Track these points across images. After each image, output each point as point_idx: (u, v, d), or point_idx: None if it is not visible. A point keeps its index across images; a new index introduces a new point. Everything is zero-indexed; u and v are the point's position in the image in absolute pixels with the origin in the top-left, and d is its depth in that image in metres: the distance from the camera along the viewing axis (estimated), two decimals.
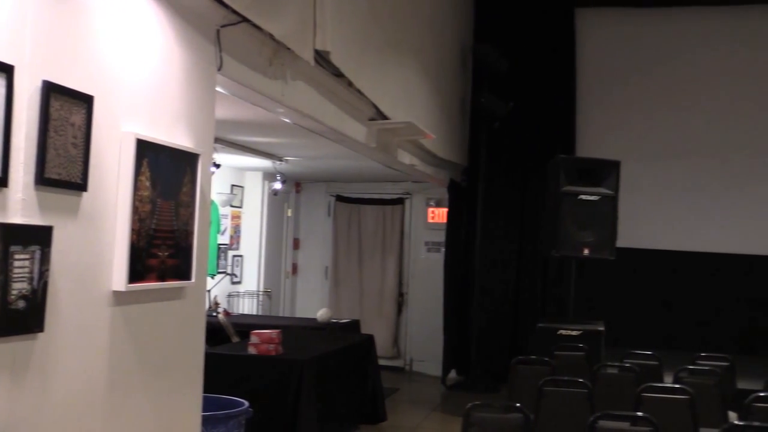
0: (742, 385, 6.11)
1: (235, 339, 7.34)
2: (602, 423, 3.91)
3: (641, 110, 9.82)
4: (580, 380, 4.80)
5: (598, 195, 7.60)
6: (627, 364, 5.64)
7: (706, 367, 5.51)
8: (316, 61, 4.78)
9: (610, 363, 5.93)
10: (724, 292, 9.51)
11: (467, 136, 9.89)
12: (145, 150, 3.14)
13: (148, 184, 3.17)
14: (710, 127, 9.66)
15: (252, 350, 6.10)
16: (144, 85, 3.23)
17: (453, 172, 9.69)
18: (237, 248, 10.11)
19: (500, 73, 9.35)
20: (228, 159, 8.50)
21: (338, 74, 5.29)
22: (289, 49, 4.34)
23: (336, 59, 4.99)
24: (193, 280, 3.54)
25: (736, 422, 4.17)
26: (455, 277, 9.68)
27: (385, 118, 6.38)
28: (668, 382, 5.43)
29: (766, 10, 9.44)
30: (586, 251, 7.55)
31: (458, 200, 9.74)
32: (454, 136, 9.30)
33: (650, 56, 9.85)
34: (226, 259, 9.80)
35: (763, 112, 9.51)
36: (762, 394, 4.57)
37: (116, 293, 3.05)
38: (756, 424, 3.99)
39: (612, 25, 9.96)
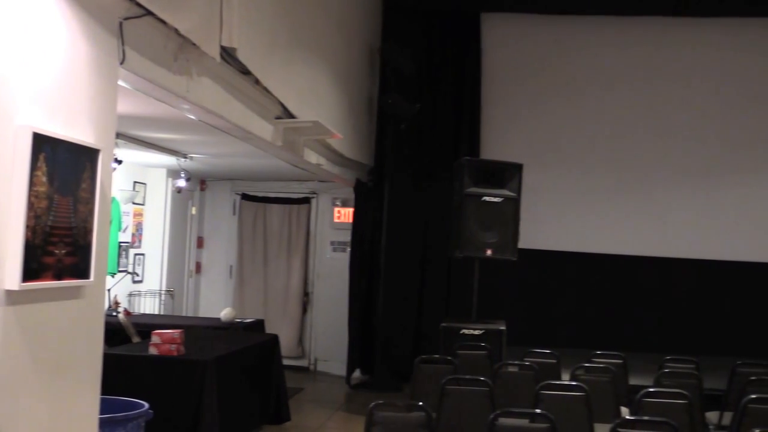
0: (634, 381, 6.34)
1: (136, 339, 7.17)
2: (502, 420, 3.99)
3: (544, 114, 10.08)
4: (482, 379, 4.89)
5: (501, 197, 7.76)
6: (527, 363, 5.78)
7: (601, 365, 5.69)
8: (223, 57, 4.72)
9: (510, 362, 6.06)
10: (619, 292, 9.87)
11: (374, 137, 9.94)
12: (42, 144, 3.03)
13: (44, 179, 3.06)
14: (610, 132, 10.00)
15: (153, 351, 5.97)
16: (41, 77, 3.12)
17: (359, 172, 9.72)
18: (139, 246, 9.88)
19: (407, 75, 9.44)
20: (130, 155, 8.31)
21: (245, 71, 5.24)
22: (194, 44, 4.27)
23: (243, 56, 4.94)
24: (91, 278, 3.44)
25: (627, 417, 4.33)
26: (361, 277, 9.71)
27: (291, 116, 6.35)
28: (566, 379, 5.60)
29: (661, 20, 9.84)
30: (489, 252, 7.69)
31: (364, 200, 9.78)
32: (361, 136, 9.34)
33: (553, 62, 10.12)
34: (127, 257, 9.56)
35: (660, 119, 9.91)
36: (652, 389, 4.76)
37: (9, 292, 2.94)
38: (645, 418, 4.17)
39: (516, 30, 10.19)
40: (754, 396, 4.66)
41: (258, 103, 5.81)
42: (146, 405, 4.83)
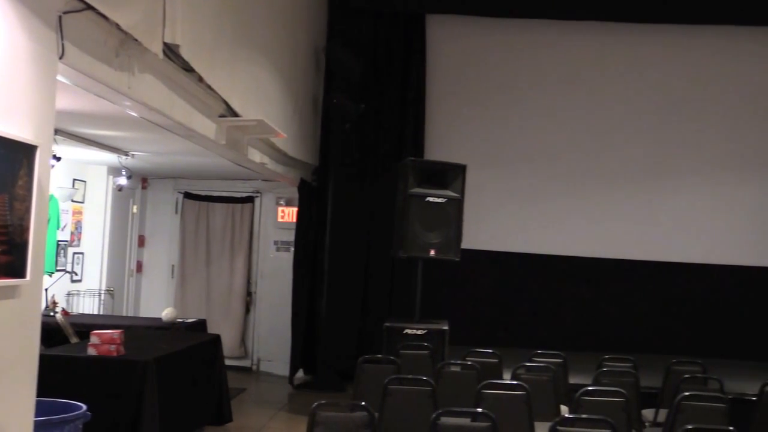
0: (573, 380, 6.44)
1: (74, 340, 7.02)
2: (444, 420, 4.02)
3: (488, 116, 10.18)
4: (424, 378, 4.92)
5: (444, 197, 7.81)
6: (469, 362, 5.83)
7: (542, 364, 5.77)
8: (166, 54, 4.66)
9: (453, 361, 6.11)
10: (559, 293, 10.03)
11: (319, 136, 9.91)
12: None
13: None
14: (552, 134, 10.15)
15: (92, 351, 5.86)
16: None
17: (304, 171, 9.69)
18: (78, 245, 9.68)
19: (352, 75, 9.44)
20: (70, 152, 8.14)
21: (188, 69, 5.18)
22: (136, 40, 4.21)
23: (186, 53, 4.88)
24: (28, 278, 3.37)
25: (567, 415, 4.40)
26: (304, 276, 9.68)
27: (235, 115, 6.30)
28: (507, 378, 5.67)
29: (602, 25, 10.02)
30: (432, 252, 7.74)
31: (309, 200, 9.75)
32: (305, 136, 9.31)
33: (497, 64, 10.23)
34: (65, 256, 9.36)
35: (601, 121, 10.10)
36: (590, 388, 4.85)
37: None
38: (584, 416, 4.24)
39: (461, 32, 10.27)
40: (687, 393, 4.78)
41: (201, 101, 5.75)
42: (84, 407, 4.74)
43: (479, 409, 4.24)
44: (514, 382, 5.00)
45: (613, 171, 10.08)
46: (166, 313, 8.35)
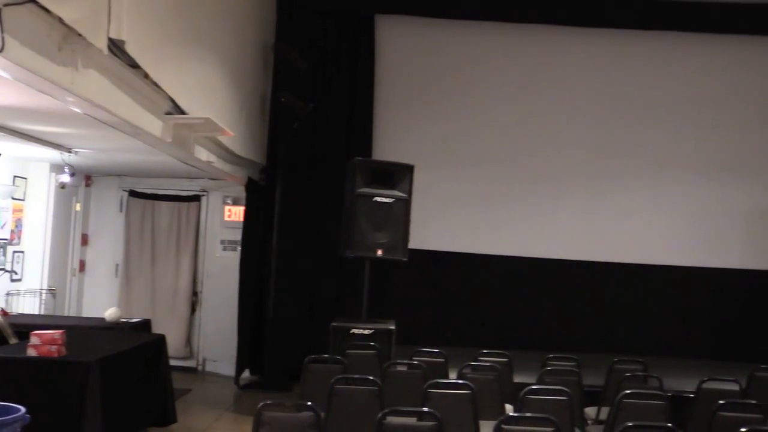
0: (518, 379, 6.51)
1: (14, 341, 6.86)
2: (390, 419, 4.03)
3: (436, 116, 10.25)
4: (371, 378, 4.93)
5: (392, 197, 7.84)
6: (415, 362, 5.86)
7: (487, 363, 5.83)
8: (111, 49, 4.59)
9: (399, 361, 6.13)
10: (506, 293, 10.13)
11: (267, 135, 9.85)
12: None
13: None
14: (500, 135, 10.26)
15: (31, 352, 5.74)
16: None
17: (252, 170, 9.63)
18: (18, 243, 9.47)
19: (301, 74, 9.41)
20: (11, 148, 7.96)
21: (134, 65, 5.11)
22: (80, 35, 4.14)
23: (131, 49, 4.81)
24: None
25: (511, 414, 4.46)
26: (251, 276, 9.62)
27: (182, 112, 6.23)
28: (453, 378, 5.71)
29: (550, 29, 10.16)
30: (379, 252, 7.76)
31: (256, 199, 9.69)
32: (253, 134, 9.25)
33: (445, 65, 10.30)
34: (5, 255, 9.15)
35: (548, 123, 10.24)
36: (535, 387, 4.91)
37: None
38: (528, 414, 4.30)
39: (411, 33, 10.31)
40: (628, 391, 4.87)
41: (147, 98, 5.68)
42: (23, 409, 4.63)
43: (425, 409, 4.26)
44: (460, 382, 5.04)
45: (558, 173, 10.23)
46: (110, 313, 8.22)
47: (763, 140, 10.18)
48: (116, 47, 4.71)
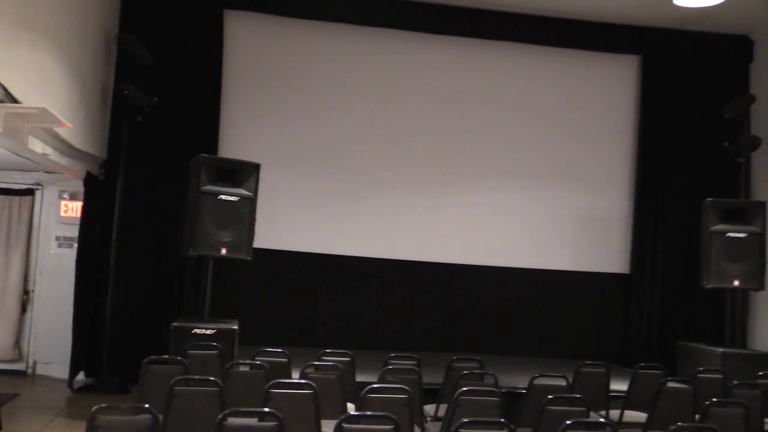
0: (360, 378, 6.60)
1: None
2: (231, 420, 3.99)
3: (284, 116, 10.21)
4: (211, 379, 4.85)
5: (237, 196, 7.77)
6: (258, 362, 5.82)
7: (330, 363, 5.87)
8: None
9: (242, 361, 6.07)
10: (350, 293, 10.24)
11: (108, 128, 9.49)
12: None
13: None
14: (347, 136, 10.35)
15: None
16: None
17: (91, 164, 9.24)
18: None
19: (146, 66, 9.13)
20: None
21: None
22: None
23: None
24: None
25: (352, 413, 4.51)
26: (89, 274, 9.23)
27: (15, 101, 5.91)
28: (296, 377, 5.71)
29: (401, 34, 10.38)
30: (223, 251, 7.67)
31: (95, 194, 9.31)
32: (93, 127, 8.89)
33: (294, 64, 10.29)
34: None
35: (394, 126, 10.43)
36: (376, 385, 5.00)
37: None
38: (369, 413, 4.37)
39: (260, 30, 10.23)
40: (465, 388, 5.05)
41: None
42: None
43: (266, 409, 4.25)
44: (302, 381, 5.05)
45: (403, 175, 10.44)
46: None
47: (589, 151, 10.81)
48: None
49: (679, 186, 10.63)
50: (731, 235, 8.90)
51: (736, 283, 8.88)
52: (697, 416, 5.39)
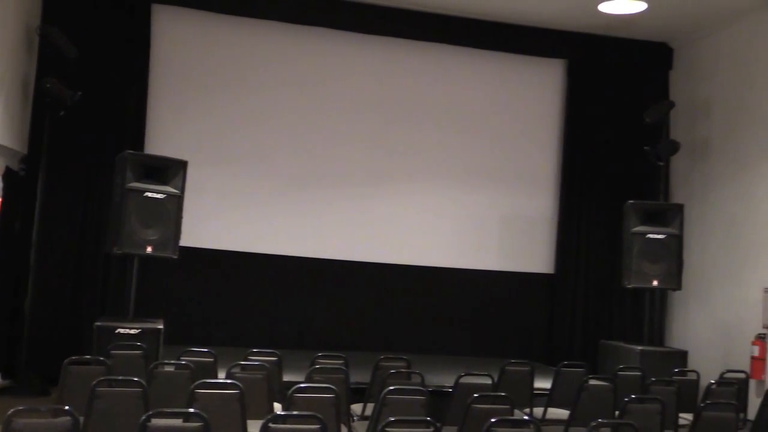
0: (287, 377, 6.58)
1: None
2: (154, 421, 3.93)
3: (213, 112, 10.09)
4: (135, 379, 4.77)
5: (164, 193, 7.67)
6: (183, 362, 5.75)
7: (257, 363, 5.83)
8: None
9: (167, 361, 5.99)
10: (278, 292, 10.19)
11: (29, 123, 9.23)
12: None
13: None
14: (277, 134, 10.28)
15: None
16: None
17: (10, 159, 8.97)
18: None
19: (69, 60, 8.90)
20: None
21: None
22: None
23: None
24: None
25: (279, 413, 4.50)
26: (6, 272, 8.96)
27: None
28: (222, 377, 5.66)
29: (333, 33, 10.36)
30: (149, 249, 7.56)
31: (14, 190, 9.03)
32: (12, 120, 8.65)
33: (224, 61, 10.17)
34: None
35: (325, 125, 10.39)
36: (303, 385, 4.99)
37: None
38: (295, 413, 4.37)
39: (188, 26, 10.08)
40: (392, 387, 5.08)
41: None
42: None
43: (191, 410, 4.20)
44: (228, 381, 5.01)
45: (335, 174, 10.43)
46: None
47: (515, 153, 10.99)
48: None
49: (602, 188, 10.90)
50: (651, 236, 9.18)
51: (655, 283, 9.16)
52: (617, 413, 5.55)
